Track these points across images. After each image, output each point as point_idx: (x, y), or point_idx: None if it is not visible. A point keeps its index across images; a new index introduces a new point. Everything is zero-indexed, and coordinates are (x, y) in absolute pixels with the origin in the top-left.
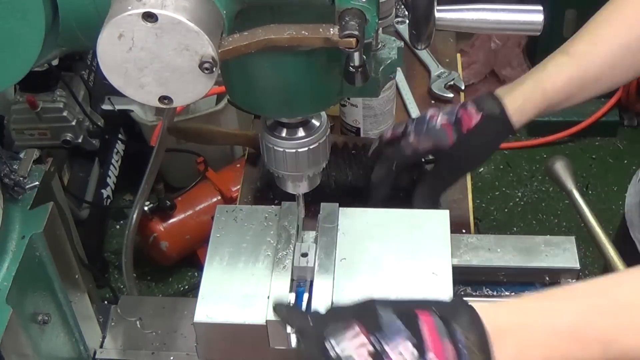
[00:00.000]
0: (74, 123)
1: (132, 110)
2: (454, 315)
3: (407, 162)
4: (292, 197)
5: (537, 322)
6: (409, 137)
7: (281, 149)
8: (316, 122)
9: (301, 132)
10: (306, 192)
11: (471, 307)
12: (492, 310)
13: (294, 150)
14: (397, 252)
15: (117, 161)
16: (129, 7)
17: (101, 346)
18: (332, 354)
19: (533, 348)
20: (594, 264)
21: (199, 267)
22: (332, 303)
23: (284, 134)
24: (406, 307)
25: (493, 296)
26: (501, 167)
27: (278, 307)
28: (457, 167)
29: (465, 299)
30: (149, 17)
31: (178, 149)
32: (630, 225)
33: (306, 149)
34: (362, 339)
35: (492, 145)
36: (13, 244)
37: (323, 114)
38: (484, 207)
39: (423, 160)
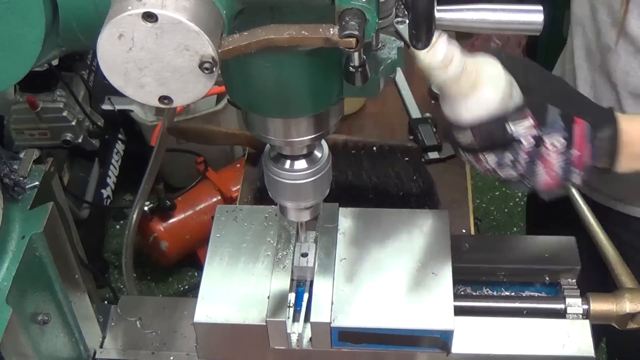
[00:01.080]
0: (74, 123)
1: (132, 110)
2: (601, 126)
3: None
4: None
5: None
6: None
7: (283, 180)
8: (318, 154)
9: (303, 164)
10: (307, 219)
11: (616, 124)
12: (628, 127)
13: (295, 182)
14: (397, 252)
15: (117, 161)
16: (129, 7)
17: (101, 346)
18: (508, 131)
19: None
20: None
21: (199, 267)
22: (332, 303)
23: (286, 166)
24: (569, 112)
25: (493, 296)
26: None
27: (501, 57)
28: None
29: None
30: (149, 17)
31: (178, 149)
32: None
33: (307, 180)
34: (532, 129)
35: None
36: (13, 244)
37: (325, 145)
38: (484, 207)
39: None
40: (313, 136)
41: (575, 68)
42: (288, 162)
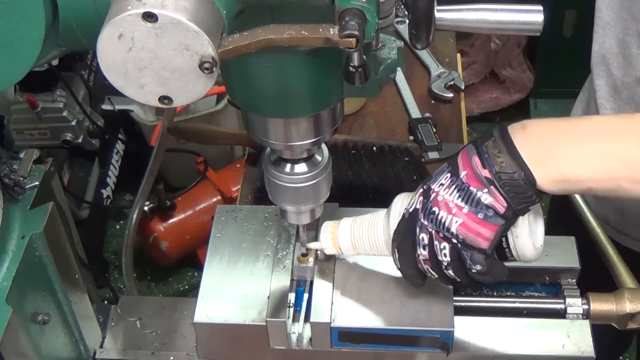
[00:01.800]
0: (74, 123)
1: (132, 110)
2: (485, 137)
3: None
4: None
5: (569, 125)
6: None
7: (282, 183)
8: (318, 157)
9: (303, 168)
10: (307, 222)
11: (504, 127)
12: (524, 123)
13: (294, 185)
14: None
15: (117, 161)
16: (129, 7)
17: (101, 346)
18: (407, 215)
19: (561, 135)
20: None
21: (199, 267)
22: (332, 303)
23: (286, 169)
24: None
25: (493, 296)
26: None
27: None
28: None
29: None
30: (149, 17)
31: (178, 149)
32: None
33: (307, 184)
34: (419, 190)
35: None
36: (13, 244)
37: (325, 149)
38: None
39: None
40: (313, 140)
41: (598, 107)
42: (288, 165)
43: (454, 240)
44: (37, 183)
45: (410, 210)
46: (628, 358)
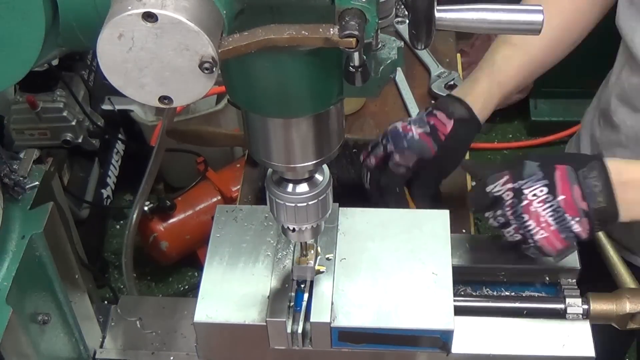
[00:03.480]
0: (74, 123)
1: (132, 110)
2: (586, 167)
3: (404, 180)
4: None
5: None
6: (394, 157)
7: (282, 202)
8: (319, 177)
9: (304, 187)
10: (309, 240)
11: (602, 163)
12: (618, 166)
13: (294, 205)
14: (397, 252)
15: (117, 161)
16: (129, 7)
17: (101, 346)
18: (490, 195)
19: None
20: None
21: (199, 267)
22: (332, 303)
23: (288, 189)
24: (549, 162)
25: (493, 296)
26: None
27: (465, 162)
28: (439, 172)
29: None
30: (149, 17)
31: (178, 149)
32: None
33: (306, 204)
34: (509, 184)
35: (467, 145)
36: (13, 244)
37: (326, 169)
38: None
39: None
40: (315, 162)
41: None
42: (290, 185)
43: (530, 242)
44: (37, 183)
45: (496, 193)
46: (628, 359)
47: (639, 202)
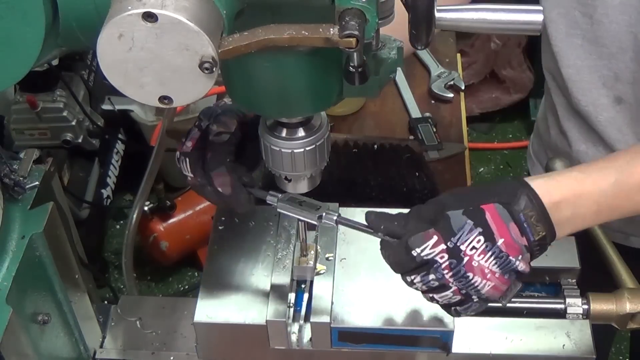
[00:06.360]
0: (74, 123)
1: (132, 110)
2: (514, 199)
3: (232, 149)
4: None
5: (587, 188)
6: (212, 129)
7: (277, 149)
8: (316, 123)
9: (300, 133)
10: (305, 191)
11: (529, 188)
12: (547, 187)
13: (290, 151)
14: None
15: (117, 161)
16: (129, 7)
17: (101, 346)
18: (418, 259)
19: (585, 209)
20: None
21: (199, 267)
22: (332, 303)
23: (282, 134)
24: (473, 205)
25: None
26: (501, 167)
27: (368, 214)
28: None
29: (524, 179)
30: (149, 17)
31: None
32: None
33: (303, 149)
34: (441, 245)
35: None
36: (13, 244)
37: (323, 114)
38: None
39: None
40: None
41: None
42: (284, 130)
43: (474, 298)
44: (37, 183)
45: (425, 257)
46: (624, 357)
47: (570, 218)
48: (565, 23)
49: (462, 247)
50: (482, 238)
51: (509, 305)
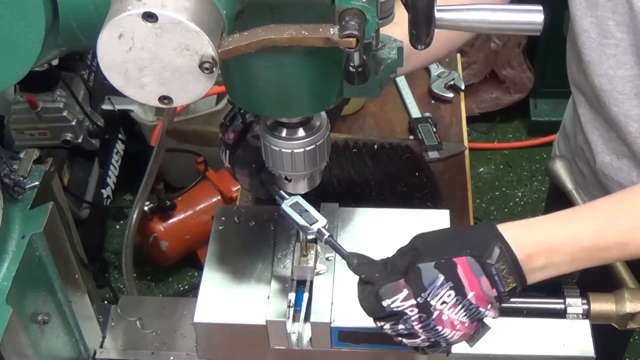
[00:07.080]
0: (74, 123)
1: (132, 110)
2: (487, 252)
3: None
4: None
5: (562, 240)
6: (254, 128)
7: (277, 149)
8: (316, 123)
9: (300, 133)
10: (305, 191)
11: (503, 240)
12: (521, 239)
13: (290, 151)
14: None
15: (117, 161)
16: (129, 7)
17: (101, 346)
18: (388, 309)
19: (559, 259)
20: None
21: (199, 267)
22: (332, 303)
23: (282, 134)
24: (445, 257)
25: None
26: (501, 167)
27: (350, 257)
28: None
29: (497, 225)
30: (149, 17)
31: (178, 149)
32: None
33: (303, 149)
34: (411, 300)
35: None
36: (13, 244)
37: (323, 114)
38: (484, 207)
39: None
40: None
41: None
42: (284, 130)
43: (443, 344)
44: (37, 183)
45: (395, 308)
46: (628, 358)
47: (543, 267)
48: (598, 32)
49: (432, 302)
50: (452, 292)
51: (509, 305)
